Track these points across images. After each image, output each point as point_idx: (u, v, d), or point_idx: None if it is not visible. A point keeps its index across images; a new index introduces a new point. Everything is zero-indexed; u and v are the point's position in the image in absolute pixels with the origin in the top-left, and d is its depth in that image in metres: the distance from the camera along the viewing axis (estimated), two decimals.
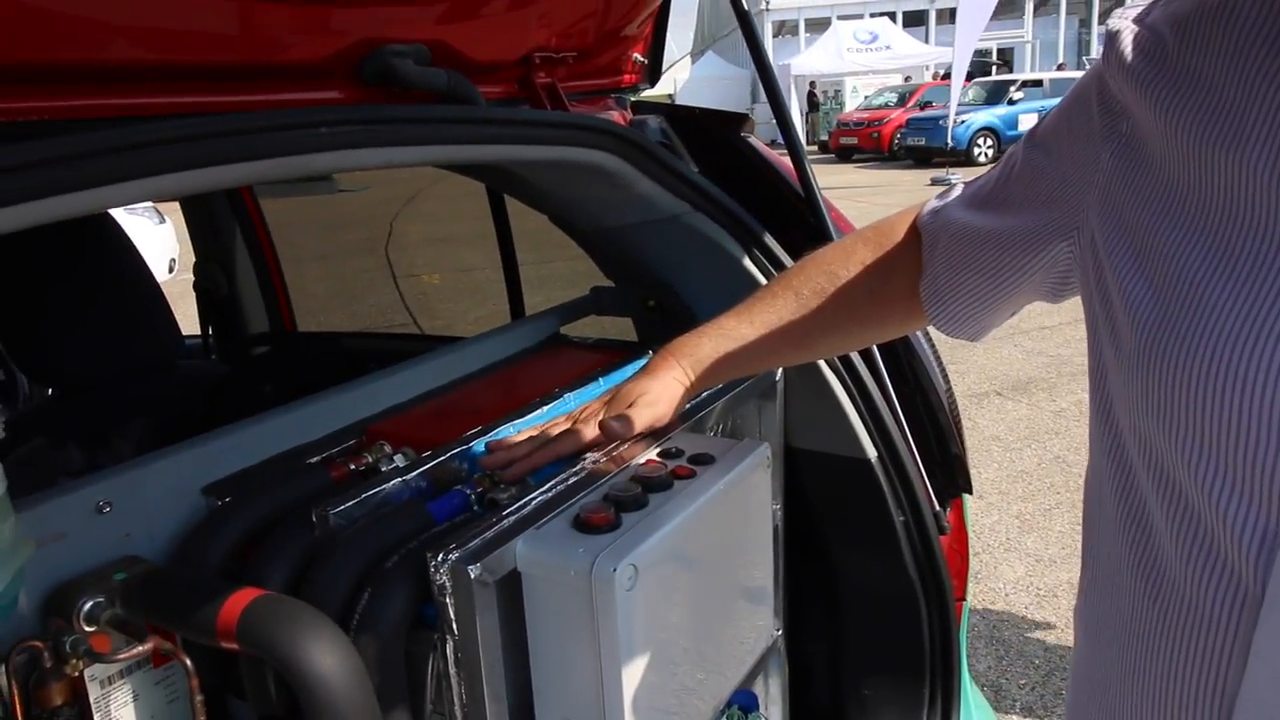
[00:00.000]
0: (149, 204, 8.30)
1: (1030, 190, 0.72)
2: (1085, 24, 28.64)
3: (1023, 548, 3.20)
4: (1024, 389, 4.78)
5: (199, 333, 2.31)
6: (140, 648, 0.80)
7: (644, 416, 0.96)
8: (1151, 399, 0.54)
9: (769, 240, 1.28)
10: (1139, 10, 0.62)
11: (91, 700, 0.84)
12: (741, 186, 1.33)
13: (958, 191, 0.83)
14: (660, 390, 0.97)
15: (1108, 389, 0.61)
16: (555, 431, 1.00)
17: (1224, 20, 0.55)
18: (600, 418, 0.98)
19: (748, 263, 1.27)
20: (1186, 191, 0.56)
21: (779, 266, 1.27)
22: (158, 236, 7.77)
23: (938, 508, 1.29)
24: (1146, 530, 0.57)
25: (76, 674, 0.82)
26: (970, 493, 1.36)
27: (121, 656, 0.81)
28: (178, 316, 1.70)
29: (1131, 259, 0.58)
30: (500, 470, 0.97)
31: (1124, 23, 0.62)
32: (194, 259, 2.35)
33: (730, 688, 1.03)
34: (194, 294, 2.32)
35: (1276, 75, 0.51)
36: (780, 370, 1.24)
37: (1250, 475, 0.49)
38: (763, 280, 1.27)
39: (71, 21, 0.84)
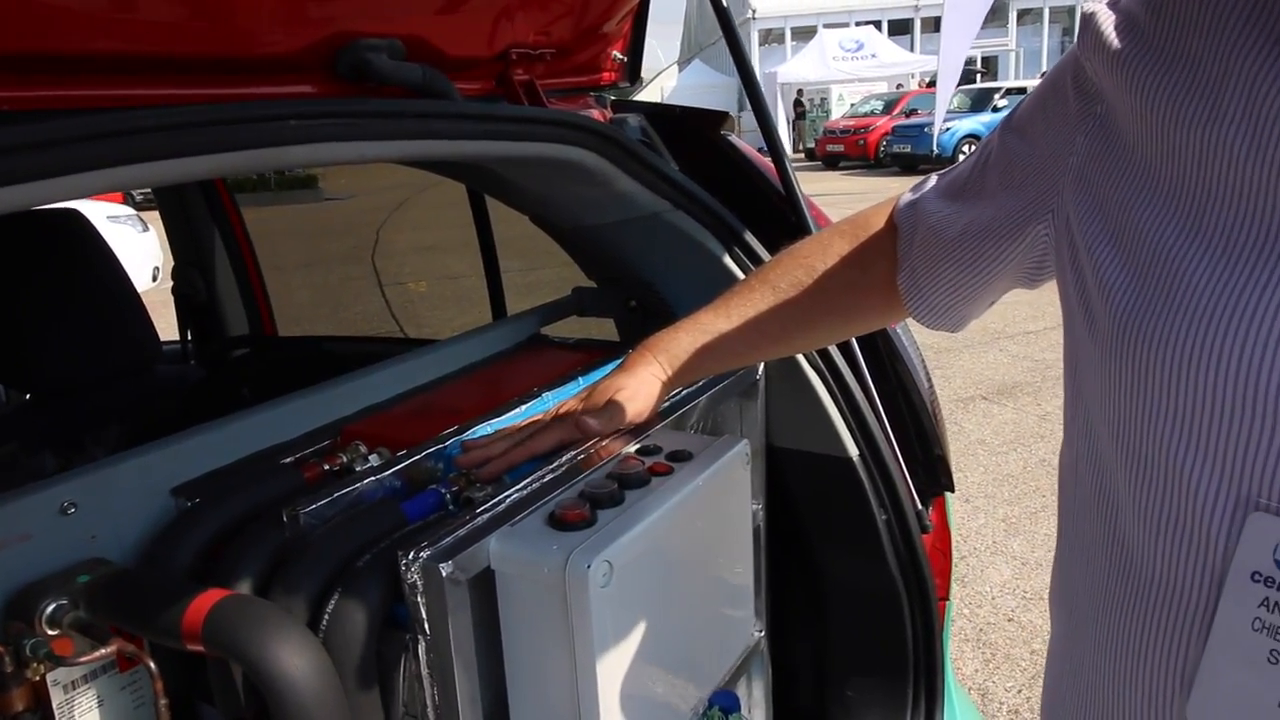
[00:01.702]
0: (132, 212, 8.27)
1: (1006, 176, 0.72)
2: (1068, 33, 28.87)
3: (1009, 551, 3.20)
4: (1009, 393, 4.79)
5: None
6: (103, 651, 0.78)
7: (621, 413, 0.95)
8: (1125, 376, 0.54)
9: (749, 238, 1.27)
10: None
11: (54, 705, 0.82)
12: (722, 185, 1.32)
13: (933, 182, 0.83)
14: (637, 386, 0.95)
15: (1080, 370, 0.61)
16: (531, 429, 0.99)
17: None
18: (577, 415, 0.96)
19: (728, 261, 1.26)
20: (1161, 170, 0.55)
21: (760, 264, 1.26)
22: (141, 245, 7.72)
23: (920, 506, 1.28)
24: (1115, 509, 0.57)
25: (38, 678, 0.80)
26: (952, 491, 1.36)
27: (84, 660, 0.79)
28: (161, 325, 1.68)
29: (1106, 239, 0.58)
30: (476, 469, 0.96)
31: (1098, 5, 0.62)
32: None
33: (710, 688, 1.01)
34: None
35: (1253, 51, 0.51)
36: (761, 368, 1.23)
37: (1223, 448, 0.50)
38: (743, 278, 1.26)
39: (42, 11, 0.82)
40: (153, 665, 0.79)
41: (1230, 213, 0.51)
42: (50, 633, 0.80)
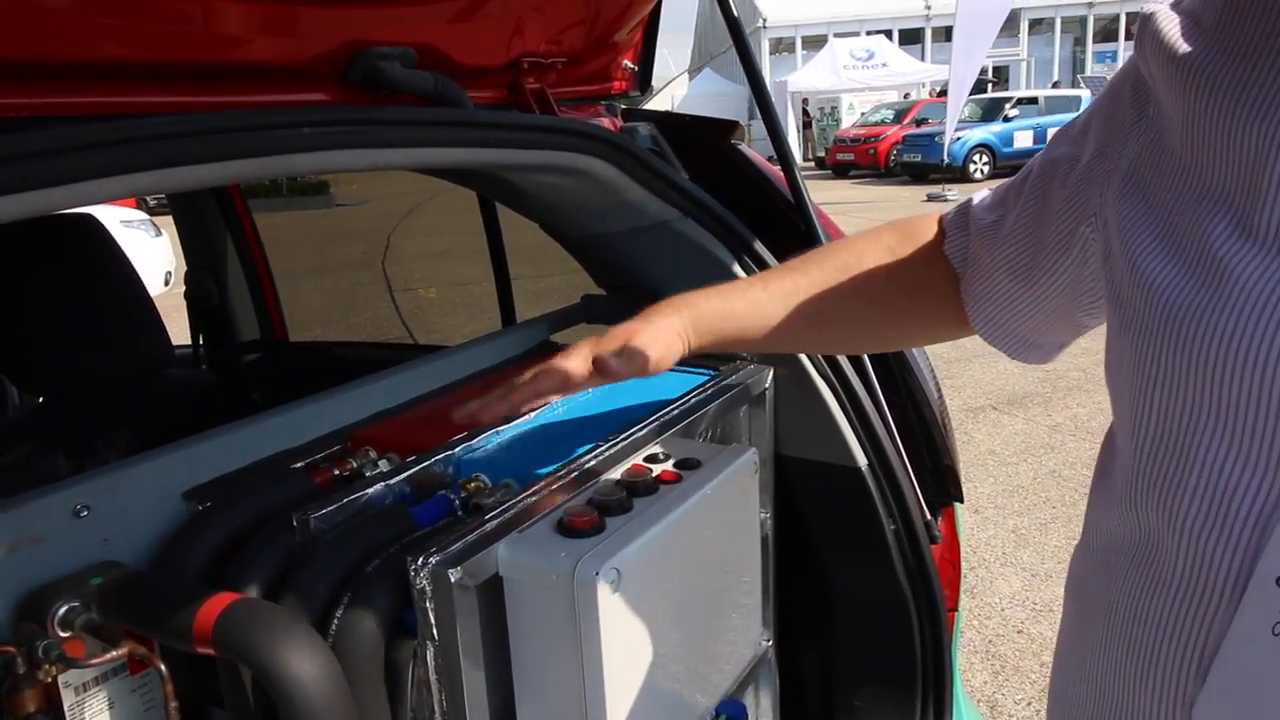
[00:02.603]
0: (145, 217, 8.32)
1: (1048, 185, 0.71)
2: (1080, 42, 28.83)
3: (1019, 562, 3.18)
4: (1020, 403, 4.77)
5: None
6: (114, 653, 0.78)
7: (639, 357, 0.88)
8: (1167, 372, 0.54)
9: (759, 247, 1.28)
10: None
11: (66, 707, 0.83)
12: (731, 193, 1.32)
13: (980, 196, 0.82)
14: (654, 334, 0.89)
15: (1116, 364, 0.60)
16: (537, 369, 0.91)
17: None
18: (590, 353, 0.89)
19: (738, 269, 1.27)
20: (1213, 165, 0.55)
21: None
22: (154, 249, 7.77)
23: (929, 516, 1.28)
24: (1144, 504, 0.57)
25: (50, 680, 0.80)
26: (961, 501, 1.35)
27: (95, 662, 0.79)
28: (173, 329, 1.69)
29: (1152, 237, 0.57)
30: (479, 413, 0.91)
31: (1159, 5, 0.61)
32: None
33: (717, 697, 1.01)
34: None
35: None
36: (770, 377, 1.23)
37: (1263, 447, 0.49)
38: None
39: (55, 18, 0.83)
40: (163, 668, 0.79)
41: None
42: (62, 634, 0.80)
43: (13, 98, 0.85)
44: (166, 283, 7.70)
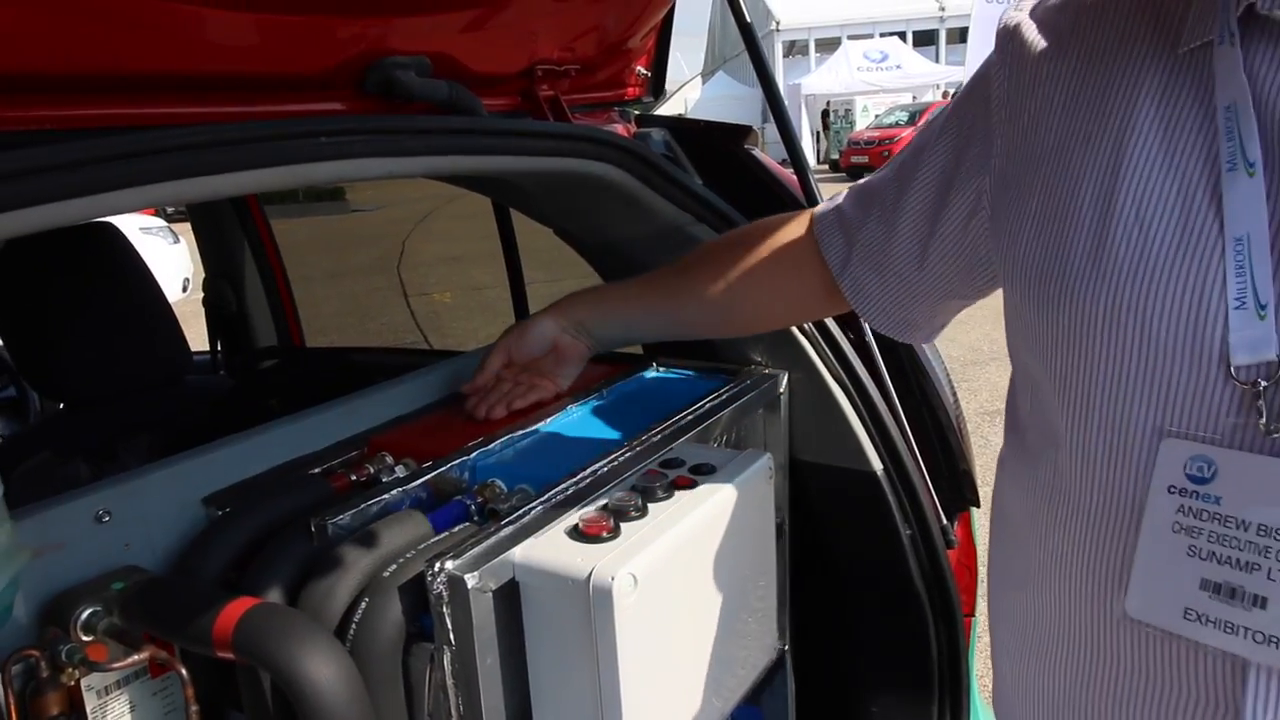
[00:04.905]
0: (163, 224, 8.39)
1: (943, 182, 0.80)
2: None
3: None
4: None
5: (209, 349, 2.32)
6: (136, 656, 0.79)
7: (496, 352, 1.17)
8: (1064, 335, 0.64)
9: None
10: (1031, 3, 0.74)
11: (88, 710, 0.84)
12: (745, 198, 1.32)
13: (844, 197, 0.92)
14: (524, 325, 1.14)
15: (1024, 336, 0.71)
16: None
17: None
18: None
19: None
20: (1081, 152, 0.65)
21: None
22: (172, 256, 7.83)
23: (945, 521, 1.27)
24: (1054, 441, 0.67)
25: (73, 683, 0.81)
26: (978, 505, 1.35)
27: (117, 666, 0.80)
28: (191, 335, 1.71)
29: (1032, 223, 0.67)
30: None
31: (1021, 16, 0.73)
32: None
33: (733, 702, 1.01)
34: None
35: (1141, 43, 0.64)
36: (785, 381, 1.23)
37: (1149, 381, 0.60)
38: None
39: (76, 32, 0.85)
40: (184, 671, 0.80)
41: (1141, 184, 0.61)
42: (85, 638, 0.81)
43: (34, 110, 0.86)
44: (185, 289, 7.76)
